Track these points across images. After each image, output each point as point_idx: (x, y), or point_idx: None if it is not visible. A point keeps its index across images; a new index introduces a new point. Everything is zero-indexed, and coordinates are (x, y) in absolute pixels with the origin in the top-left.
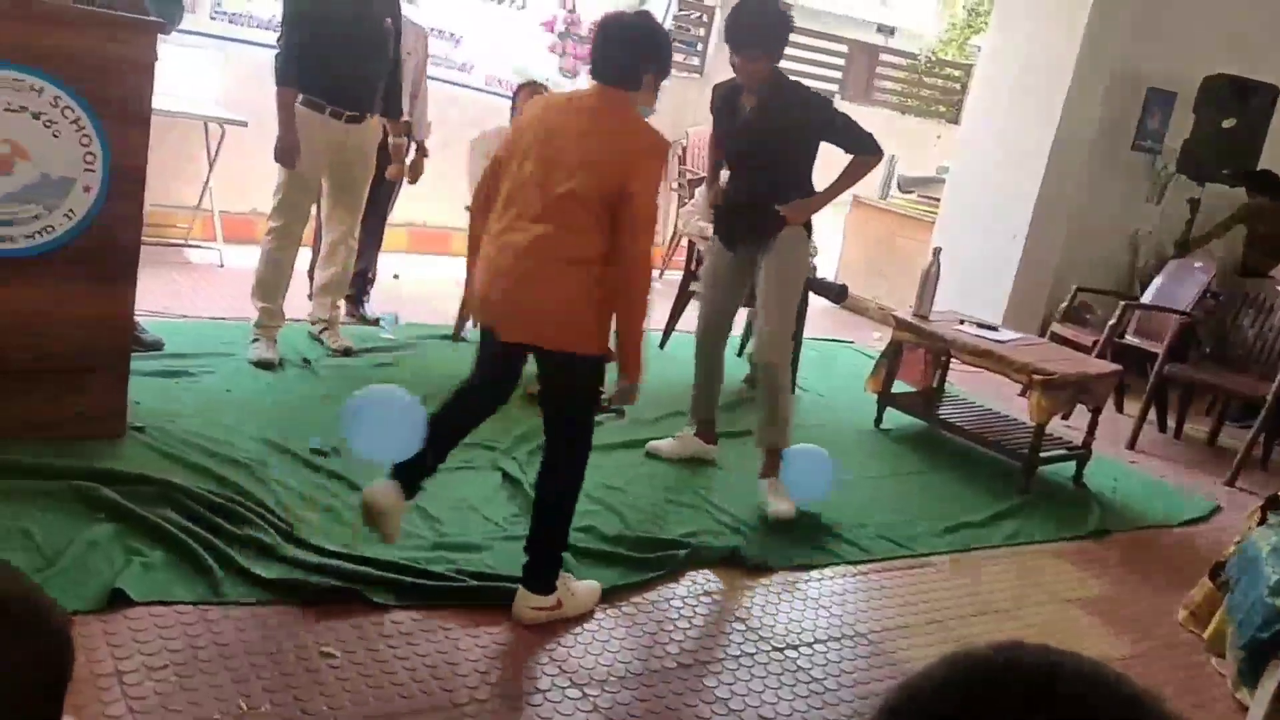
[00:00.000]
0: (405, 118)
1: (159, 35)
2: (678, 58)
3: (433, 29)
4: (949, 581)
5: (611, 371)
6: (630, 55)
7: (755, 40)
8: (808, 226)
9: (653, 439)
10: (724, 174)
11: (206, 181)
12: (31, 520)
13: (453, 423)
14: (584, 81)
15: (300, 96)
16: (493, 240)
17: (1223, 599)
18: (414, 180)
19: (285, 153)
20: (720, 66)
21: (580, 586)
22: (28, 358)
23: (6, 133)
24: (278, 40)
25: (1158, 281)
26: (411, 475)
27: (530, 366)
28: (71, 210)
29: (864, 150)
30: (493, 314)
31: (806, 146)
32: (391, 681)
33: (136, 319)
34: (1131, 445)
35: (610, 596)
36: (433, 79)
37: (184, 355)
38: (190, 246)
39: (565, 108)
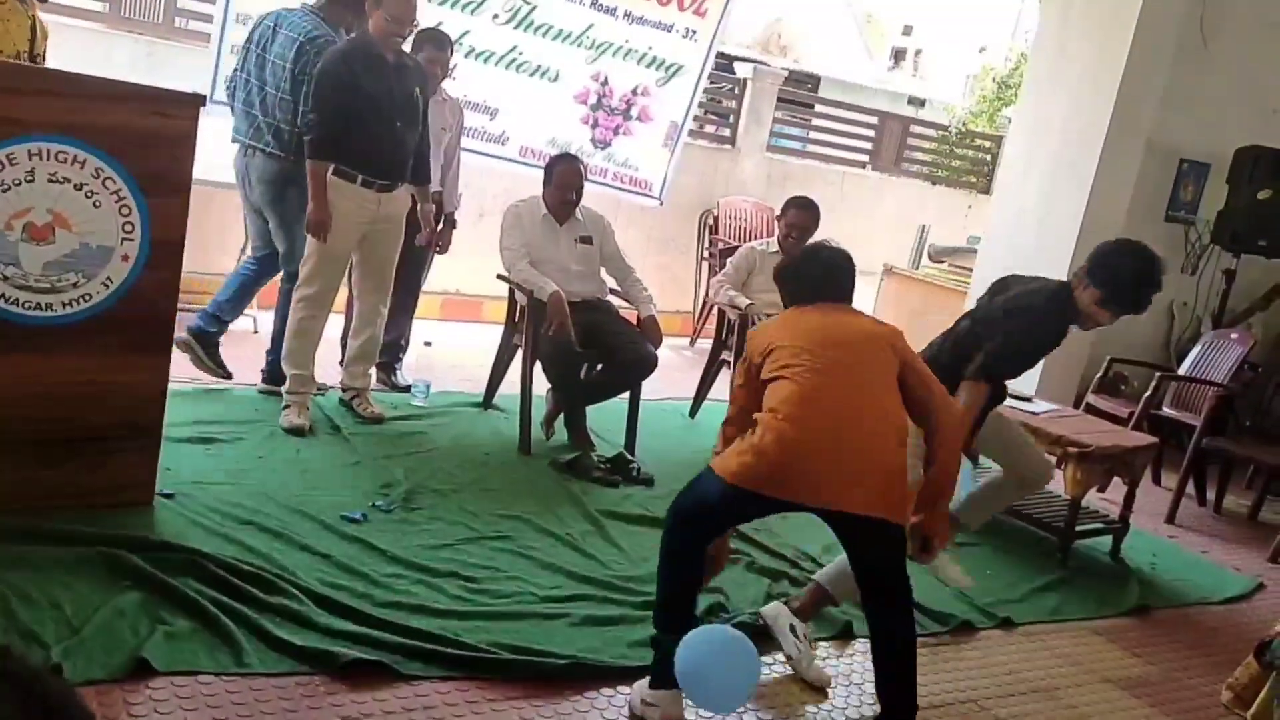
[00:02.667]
0: (436, 187)
1: (200, 108)
2: (709, 128)
3: (469, 101)
4: (985, 659)
5: None
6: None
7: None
8: None
9: None
10: None
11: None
12: (59, 588)
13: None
14: (618, 150)
15: (331, 167)
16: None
17: (1267, 679)
18: (443, 251)
19: (318, 225)
20: (750, 139)
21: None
22: (64, 427)
23: (49, 203)
24: (307, 114)
25: (1194, 353)
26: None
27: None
28: (109, 279)
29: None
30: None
31: None
32: None
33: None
34: (1170, 519)
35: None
36: (468, 150)
37: (216, 422)
38: None
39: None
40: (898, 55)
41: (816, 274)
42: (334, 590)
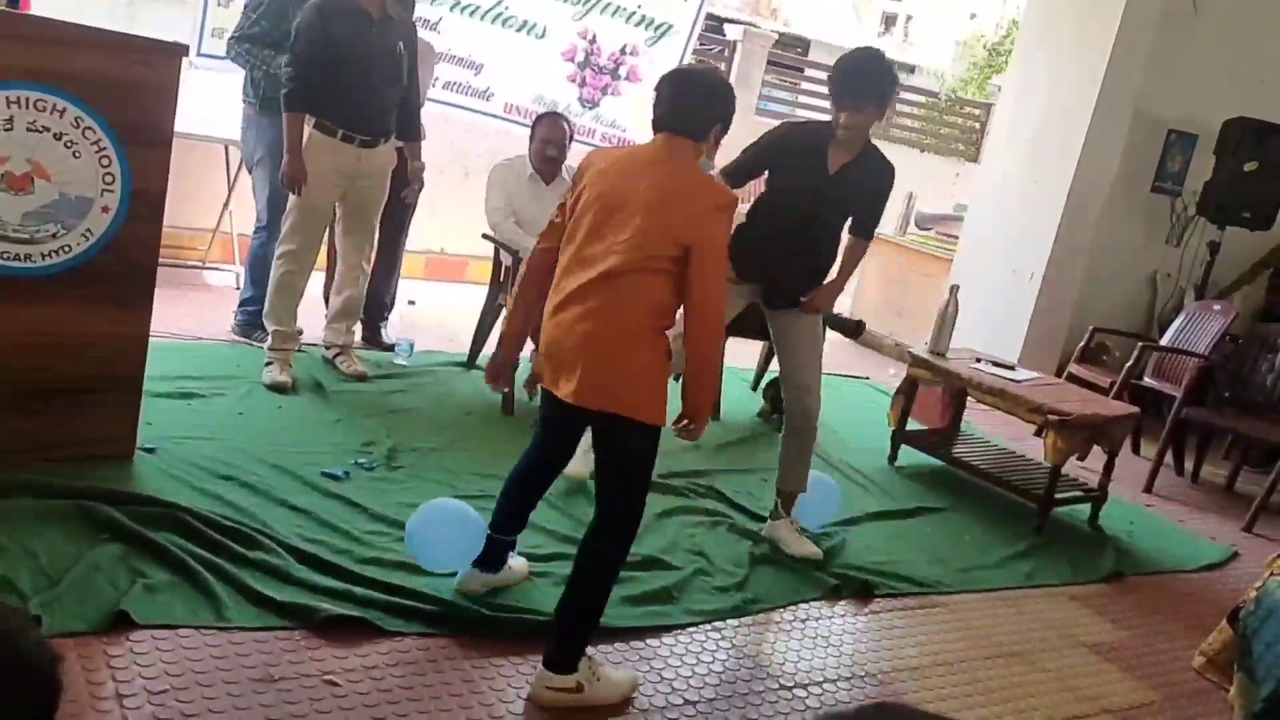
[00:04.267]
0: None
1: (182, 59)
2: None
3: (453, 56)
4: (961, 623)
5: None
6: (702, 107)
7: (873, 91)
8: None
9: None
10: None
11: (225, 204)
12: (37, 539)
13: (521, 496)
14: (606, 111)
15: (312, 121)
16: (562, 301)
17: (1239, 645)
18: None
19: (291, 178)
20: (739, 102)
21: (612, 674)
22: (42, 377)
23: (27, 152)
24: (286, 65)
25: (1176, 324)
26: (492, 560)
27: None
28: (89, 230)
29: (871, 235)
30: (561, 378)
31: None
32: (395, 713)
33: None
34: (1148, 488)
35: (619, 635)
36: (451, 104)
37: (198, 377)
38: (208, 269)
39: (630, 161)
40: (888, 20)
41: (664, 94)
42: (314, 546)
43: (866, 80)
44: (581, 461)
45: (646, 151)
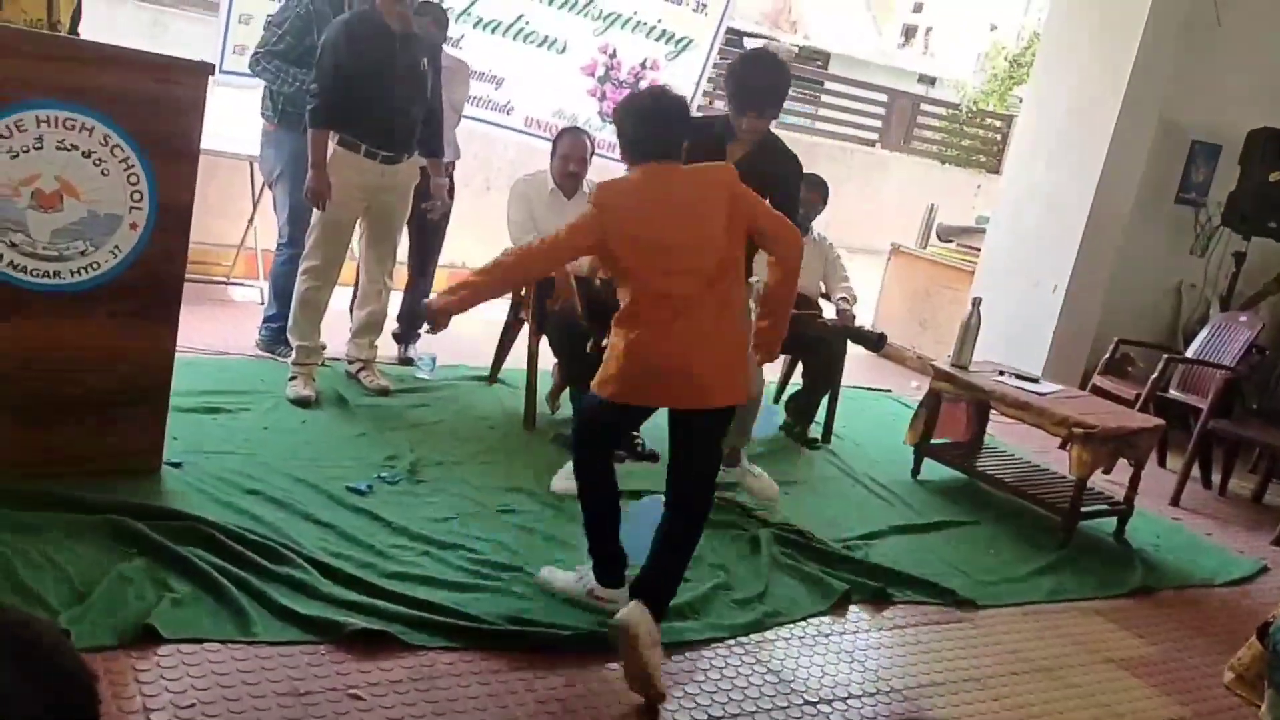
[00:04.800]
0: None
1: (209, 77)
2: (718, 104)
3: (474, 71)
4: (988, 638)
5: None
6: (674, 133)
7: (775, 100)
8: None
9: None
10: None
11: (250, 220)
12: (64, 553)
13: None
14: None
15: (336, 137)
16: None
17: (1269, 660)
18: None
19: (316, 194)
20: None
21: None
22: (70, 392)
23: (57, 170)
24: (311, 81)
25: (1202, 335)
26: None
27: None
28: (118, 247)
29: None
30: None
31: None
32: None
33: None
34: (1175, 501)
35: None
36: (473, 119)
37: (223, 392)
38: (233, 284)
39: (652, 200)
40: (908, 32)
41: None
42: (339, 560)
43: (775, 91)
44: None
45: (657, 187)
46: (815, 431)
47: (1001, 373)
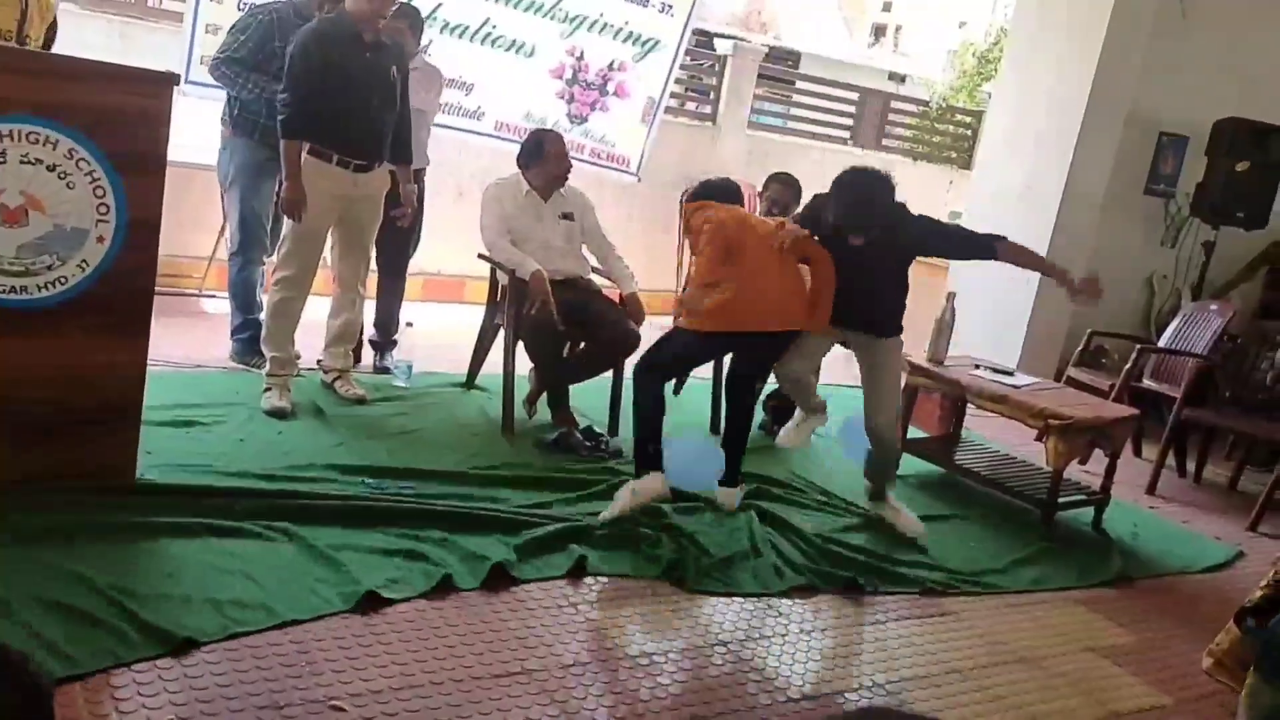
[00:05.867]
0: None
1: (175, 88)
2: (690, 106)
3: (444, 78)
4: (969, 630)
5: None
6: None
7: (875, 222)
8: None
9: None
10: None
11: (221, 231)
12: (31, 567)
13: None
14: (595, 126)
15: (306, 147)
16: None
17: (1247, 645)
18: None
19: (291, 205)
20: (731, 117)
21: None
22: (40, 409)
23: (21, 185)
24: (281, 91)
25: (1174, 325)
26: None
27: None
28: (85, 261)
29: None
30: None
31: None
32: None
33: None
34: (1151, 490)
35: (629, 639)
36: (443, 125)
37: (197, 405)
38: (204, 296)
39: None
40: (878, 31)
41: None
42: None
43: (874, 214)
44: (796, 434)
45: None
46: None
47: (977, 366)
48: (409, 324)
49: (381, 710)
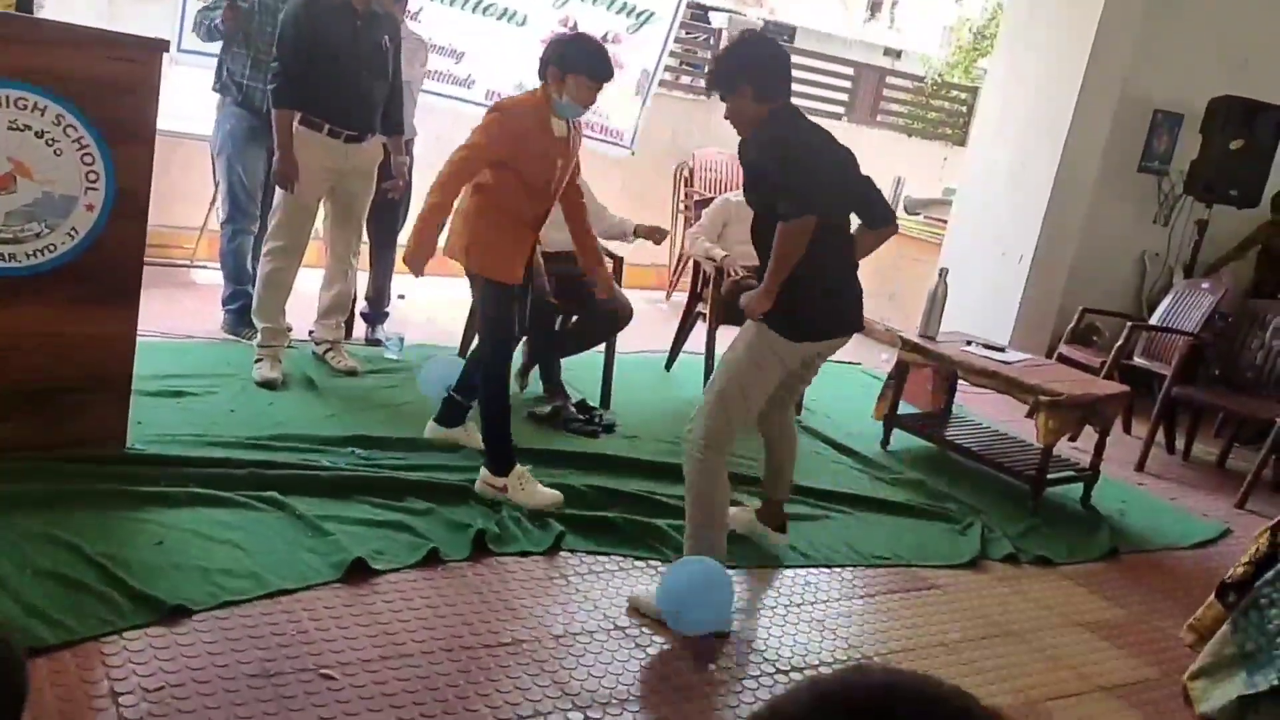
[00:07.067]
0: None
1: (164, 55)
2: (685, 79)
3: (434, 44)
4: (957, 604)
5: None
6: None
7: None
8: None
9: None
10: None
11: (212, 202)
12: (19, 538)
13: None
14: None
15: (298, 117)
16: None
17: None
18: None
19: (284, 176)
20: None
21: (537, 489)
22: (29, 378)
23: (9, 151)
24: (273, 63)
25: (1165, 303)
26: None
27: None
28: (74, 229)
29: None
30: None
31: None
32: (391, 704)
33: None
34: (1140, 467)
35: (619, 611)
36: (434, 93)
37: (188, 375)
38: (195, 267)
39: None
40: (874, 6)
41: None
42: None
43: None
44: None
45: None
46: None
47: (969, 343)
48: (401, 296)
49: (372, 679)
